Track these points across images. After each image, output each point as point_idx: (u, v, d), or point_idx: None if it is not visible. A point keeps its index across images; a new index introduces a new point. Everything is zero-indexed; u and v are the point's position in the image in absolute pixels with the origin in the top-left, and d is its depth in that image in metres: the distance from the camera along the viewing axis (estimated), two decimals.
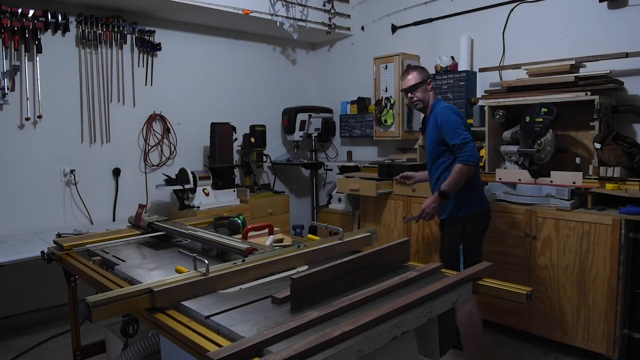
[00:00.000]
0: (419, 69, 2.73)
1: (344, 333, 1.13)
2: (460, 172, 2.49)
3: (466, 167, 2.48)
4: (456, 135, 2.52)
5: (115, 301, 1.33)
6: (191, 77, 4.41)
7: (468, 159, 2.48)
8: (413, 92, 2.67)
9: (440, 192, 2.53)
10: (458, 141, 2.50)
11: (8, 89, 3.39)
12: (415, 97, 2.69)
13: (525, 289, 1.45)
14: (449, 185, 2.51)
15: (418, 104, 2.71)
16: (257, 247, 1.81)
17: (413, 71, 2.70)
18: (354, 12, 4.93)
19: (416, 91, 2.67)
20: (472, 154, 2.49)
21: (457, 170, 2.49)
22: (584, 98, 2.96)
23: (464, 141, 2.49)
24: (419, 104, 2.72)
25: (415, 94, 2.68)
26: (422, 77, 2.69)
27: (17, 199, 3.51)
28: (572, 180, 2.94)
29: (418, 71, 2.70)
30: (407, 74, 2.70)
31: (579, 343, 2.85)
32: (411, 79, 2.67)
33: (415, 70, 2.71)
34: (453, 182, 2.51)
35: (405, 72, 2.75)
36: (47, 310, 3.61)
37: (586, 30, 3.29)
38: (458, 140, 2.51)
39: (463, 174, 2.50)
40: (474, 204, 2.63)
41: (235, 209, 4.00)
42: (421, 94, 2.69)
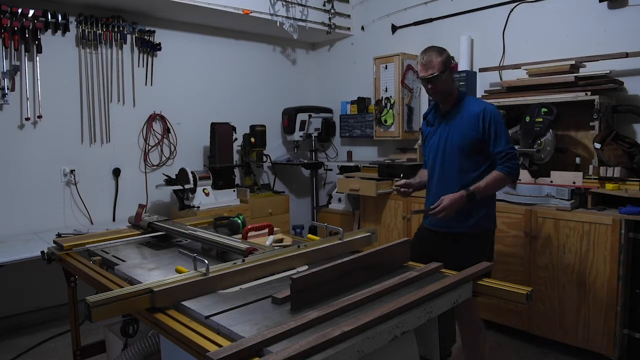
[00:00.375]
0: (440, 49, 2.29)
1: (344, 333, 1.13)
2: (500, 181, 2.23)
3: (508, 178, 2.24)
4: (506, 142, 2.24)
5: (115, 301, 1.33)
6: (191, 77, 4.41)
7: (514, 172, 2.23)
8: (439, 79, 2.24)
9: (469, 193, 2.18)
10: (507, 149, 2.23)
11: (8, 89, 3.39)
12: (441, 86, 2.26)
13: (525, 289, 1.45)
14: (481, 190, 2.19)
15: (443, 93, 2.30)
16: (257, 247, 1.81)
17: (436, 53, 2.25)
18: (354, 12, 4.93)
19: (443, 78, 2.24)
20: (517, 169, 2.25)
21: (497, 178, 2.22)
22: (584, 98, 2.96)
23: (514, 151, 2.24)
24: (443, 94, 2.31)
25: (440, 81, 2.25)
26: (448, 60, 2.28)
27: (17, 199, 3.51)
28: (572, 180, 2.94)
29: (442, 53, 2.26)
30: (430, 57, 2.24)
31: (579, 343, 2.85)
32: (437, 63, 2.22)
33: (437, 51, 2.26)
34: (487, 188, 2.21)
35: (424, 53, 2.27)
36: (47, 310, 3.61)
37: (586, 30, 3.29)
38: (508, 148, 2.23)
39: (500, 185, 2.27)
40: (495, 219, 2.42)
41: (235, 209, 4.00)
42: (447, 82, 2.28)
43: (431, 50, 2.28)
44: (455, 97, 2.33)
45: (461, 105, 2.30)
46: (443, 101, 2.35)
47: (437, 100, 2.38)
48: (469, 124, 2.25)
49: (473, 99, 2.35)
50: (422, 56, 2.29)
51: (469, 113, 2.26)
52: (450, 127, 2.31)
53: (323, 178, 5.31)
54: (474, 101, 2.33)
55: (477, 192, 2.18)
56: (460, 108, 2.30)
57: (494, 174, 2.23)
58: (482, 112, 2.23)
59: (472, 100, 2.34)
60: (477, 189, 2.18)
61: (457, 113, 2.30)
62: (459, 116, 2.29)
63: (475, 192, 2.18)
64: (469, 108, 2.27)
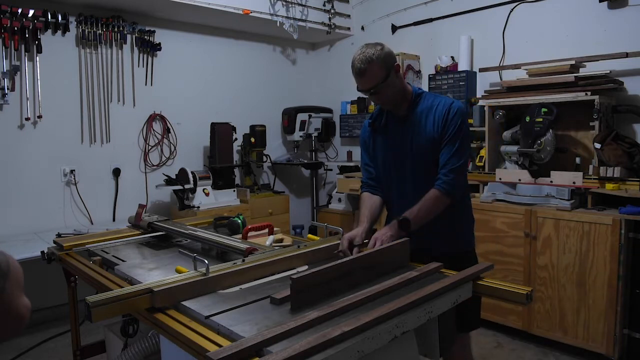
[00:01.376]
0: (375, 47, 1.83)
1: (344, 333, 1.13)
2: (437, 202, 1.83)
3: (447, 199, 1.84)
4: (460, 152, 1.85)
5: (115, 301, 1.33)
6: (191, 77, 4.41)
7: (451, 189, 1.83)
8: (379, 90, 1.83)
9: (401, 222, 1.79)
10: (457, 161, 1.84)
11: (8, 89, 3.40)
12: (388, 93, 1.86)
13: (525, 289, 1.45)
14: (417, 216, 1.81)
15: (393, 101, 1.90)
16: (257, 247, 1.81)
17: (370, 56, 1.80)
18: (354, 12, 4.93)
19: (387, 85, 1.83)
20: (455, 186, 1.85)
21: (434, 198, 1.83)
22: (584, 98, 2.96)
23: (462, 165, 1.86)
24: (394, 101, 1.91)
25: (386, 89, 1.84)
26: (389, 59, 1.84)
27: (17, 199, 3.51)
28: (572, 180, 2.94)
29: (378, 53, 1.81)
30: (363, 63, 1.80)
31: (579, 343, 2.85)
32: (375, 69, 1.80)
33: (371, 53, 1.81)
34: (424, 213, 1.82)
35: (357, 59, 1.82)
36: (47, 310, 3.61)
37: (586, 30, 3.29)
38: (457, 160, 1.84)
39: (439, 206, 1.84)
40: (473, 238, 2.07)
41: (235, 209, 4.00)
42: (394, 86, 1.86)
43: (363, 53, 1.81)
44: (411, 97, 1.92)
45: (422, 105, 1.91)
46: (397, 107, 1.93)
47: (389, 108, 1.95)
48: (432, 124, 1.88)
49: (436, 96, 1.95)
50: (354, 62, 1.83)
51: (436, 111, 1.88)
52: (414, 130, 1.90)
53: (323, 178, 5.31)
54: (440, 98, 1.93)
55: (413, 219, 1.80)
56: (423, 107, 1.91)
57: (432, 193, 1.84)
58: (449, 109, 1.85)
59: (436, 97, 1.94)
60: (413, 216, 1.80)
61: (419, 114, 1.90)
62: (423, 116, 1.90)
63: (411, 220, 1.79)
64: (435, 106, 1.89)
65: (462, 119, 1.86)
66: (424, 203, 1.83)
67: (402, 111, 1.94)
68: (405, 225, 1.79)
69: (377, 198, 2.04)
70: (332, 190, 4.94)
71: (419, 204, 1.83)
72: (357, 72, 1.84)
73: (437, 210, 1.85)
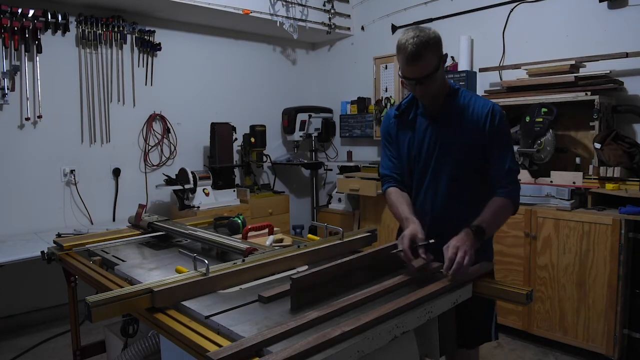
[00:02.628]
0: (429, 35, 1.62)
1: (344, 333, 1.13)
2: (506, 211, 1.70)
3: (513, 209, 1.72)
4: (512, 157, 1.72)
5: (115, 301, 1.33)
6: (191, 77, 4.40)
7: (517, 199, 1.73)
8: (431, 79, 1.66)
9: (476, 230, 1.58)
10: (514, 165, 1.72)
11: (8, 89, 3.39)
12: (434, 86, 1.69)
13: (525, 289, 1.45)
14: (489, 225, 1.63)
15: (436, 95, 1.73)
16: (257, 247, 1.81)
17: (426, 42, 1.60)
18: (354, 12, 4.93)
19: (437, 76, 1.67)
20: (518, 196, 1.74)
21: (502, 207, 1.68)
22: (584, 98, 2.96)
23: (518, 170, 1.74)
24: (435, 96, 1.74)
25: (433, 81, 1.67)
26: (440, 53, 1.67)
27: (17, 199, 3.51)
28: (572, 180, 2.94)
29: (434, 41, 1.63)
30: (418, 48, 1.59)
31: (579, 343, 2.85)
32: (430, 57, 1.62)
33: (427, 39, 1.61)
34: (496, 222, 1.68)
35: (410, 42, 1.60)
36: (47, 310, 3.61)
37: (586, 30, 3.29)
38: (514, 165, 1.72)
39: (507, 217, 1.72)
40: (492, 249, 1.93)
41: (235, 209, 4.00)
42: (441, 79, 1.71)
43: (418, 36, 1.60)
44: (447, 93, 1.77)
45: (458, 102, 1.76)
46: (433, 101, 1.76)
47: (427, 102, 1.77)
48: (472, 127, 1.72)
49: (472, 95, 1.80)
50: (405, 45, 1.61)
51: (473, 113, 1.73)
52: (445, 129, 1.76)
53: (323, 178, 5.32)
54: (475, 98, 1.78)
55: (487, 228, 1.61)
56: (458, 106, 1.76)
57: (499, 201, 1.67)
58: (489, 114, 1.71)
59: (472, 96, 1.79)
60: (486, 224, 1.61)
61: (453, 112, 1.75)
62: (457, 116, 1.75)
63: (485, 229, 1.60)
64: (470, 107, 1.74)
65: (506, 123, 1.76)
66: (495, 211, 1.65)
67: (436, 107, 1.77)
68: (481, 235, 1.59)
69: (407, 194, 1.85)
70: (332, 190, 4.94)
71: (489, 212, 1.65)
72: (411, 57, 1.61)
73: (505, 220, 1.73)
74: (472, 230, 1.57)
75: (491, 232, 1.67)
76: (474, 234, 1.57)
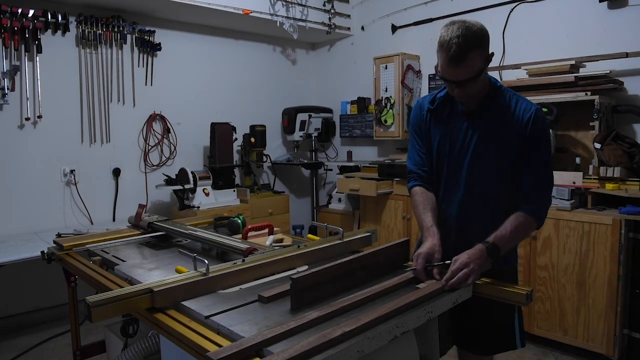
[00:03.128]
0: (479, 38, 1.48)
1: (344, 333, 1.13)
2: (527, 228, 1.59)
3: (536, 226, 1.62)
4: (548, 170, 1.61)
5: (115, 301, 1.33)
6: (191, 77, 4.41)
7: (543, 216, 1.61)
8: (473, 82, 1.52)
9: (490, 248, 1.50)
10: (547, 180, 1.61)
11: (8, 89, 3.39)
12: (476, 89, 1.57)
13: (525, 289, 1.45)
14: (506, 243, 1.54)
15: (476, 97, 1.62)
16: (257, 247, 1.81)
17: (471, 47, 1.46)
18: (354, 12, 4.93)
19: (478, 80, 1.53)
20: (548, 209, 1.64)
21: (524, 224, 1.56)
22: (584, 98, 2.96)
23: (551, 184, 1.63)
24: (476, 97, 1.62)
25: (473, 85, 1.54)
26: (486, 54, 1.52)
27: (17, 199, 3.51)
28: (572, 180, 2.94)
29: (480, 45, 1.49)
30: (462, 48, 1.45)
31: (579, 343, 2.85)
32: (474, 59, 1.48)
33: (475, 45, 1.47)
34: (512, 239, 1.56)
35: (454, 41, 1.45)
36: (47, 310, 3.61)
37: (586, 30, 3.29)
38: (548, 179, 1.61)
39: (527, 233, 1.64)
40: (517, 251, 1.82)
41: (235, 209, 4.00)
42: (481, 84, 1.58)
43: (465, 35, 1.45)
44: (487, 91, 1.63)
45: (498, 102, 1.62)
46: (471, 100, 1.63)
47: (463, 102, 1.64)
48: (512, 130, 1.58)
49: (515, 95, 1.64)
50: (449, 44, 1.46)
51: (514, 115, 1.59)
52: (482, 129, 1.62)
53: (323, 178, 5.32)
54: (517, 98, 1.63)
55: (502, 245, 1.52)
56: (498, 105, 1.62)
57: (521, 218, 1.55)
58: (531, 118, 1.56)
59: (514, 96, 1.63)
60: (502, 241, 1.52)
61: (492, 112, 1.62)
62: (496, 116, 1.61)
63: (500, 247, 1.51)
64: (512, 107, 1.60)
65: (547, 130, 1.62)
66: (514, 228, 1.54)
67: (474, 105, 1.64)
68: (495, 253, 1.51)
69: (433, 195, 1.74)
70: (332, 190, 4.94)
71: (508, 229, 1.54)
72: (455, 59, 1.47)
73: (524, 237, 1.64)
74: (486, 247, 1.49)
75: (506, 250, 1.56)
76: (487, 251, 1.49)
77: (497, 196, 1.63)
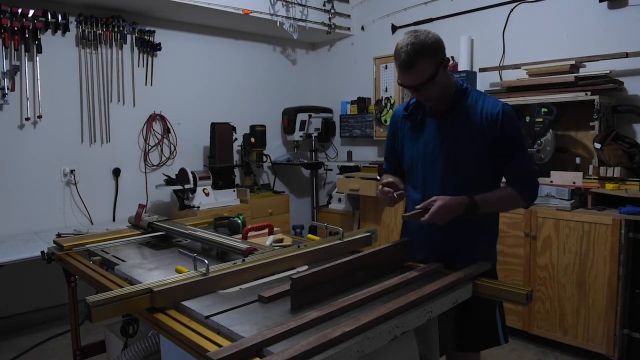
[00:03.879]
0: (425, 39, 1.58)
1: (344, 333, 1.13)
2: (512, 200, 1.71)
3: (522, 202, 1.72)
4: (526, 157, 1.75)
5: (115, 301, 1.33)
6: (191, 77, 4.40)
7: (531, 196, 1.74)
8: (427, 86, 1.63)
9: (471, 202, 1.61)
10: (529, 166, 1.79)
11: (8, 89, 3.39)
12: (434, 92, 1.66)
13: (525, 289, 1.45)
14: (487, 203, 1.66)
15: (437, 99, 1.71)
16: (257, 247, 1.81)
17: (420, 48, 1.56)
18: (354, 12, 4.93)
19: (431, 86, 1.63)
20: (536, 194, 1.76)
21: (510, 197, 1.69)
22: (584, 98, 2.96)
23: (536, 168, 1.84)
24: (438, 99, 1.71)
25: (429, 89, 1.64)
26: (437, 59, 1.61)
27: (17, 198, 3.51)
28: (572, 180, 2.94)
29: (429, 52, 1.58)
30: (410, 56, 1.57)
31: (579, 343, 2.85)
32: (424, 66, 1.58)
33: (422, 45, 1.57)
34: (494, 204, 1.70)
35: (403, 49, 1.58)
36: (47, 310, 3.61)
37: (586, 30, 3.29)
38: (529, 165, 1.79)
39: (510, 205, 1.77)
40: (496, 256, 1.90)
41: (235, 209, 4.00)
42: (441, 83, 1.65)
43: (414, 44, 1.57)
44: (454, 93, 1.73)
45: (466, 102, 1.72)
46: (438, 103, 1.74)
47: (431, 105, 1.76)
48: (481, 128, 1.68)
49: (480, 94, 1.76)
50: (400, 53, 1.59)
51: (481, 114, 1.68)
52: (452, 129, 1.72)
53: (323, 178, 5.31)
54: (485, 98, 1.73)
55: (481, 203, 1.63)
56: (466, 106, 1.72)
57: (508, 190, 1.70)
58: (499, 114, 1.66)
59: (481, 95, 1.75)
60: (482, 201, 1.63)
61: (461, 112, 1.72)
62: (465, 116, 1.71)
63: (478, 203, 1.62)
64: (479, 107, 1.70)
65: (516, 122, 1.71)
66: (500, 196, 1.69)
67: (443, 107, 1.74)
68: (473, 208, 1.62)
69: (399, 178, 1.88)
70: (332, 190, 4.94)
71: (495, 194, 1.68)
72: (403, 66, 1.59)
73: (508, 208, 1.79)
74: (467, 201, 1.61)
75: (486, 210, 1.67)
76: (466, 204, 1.60)
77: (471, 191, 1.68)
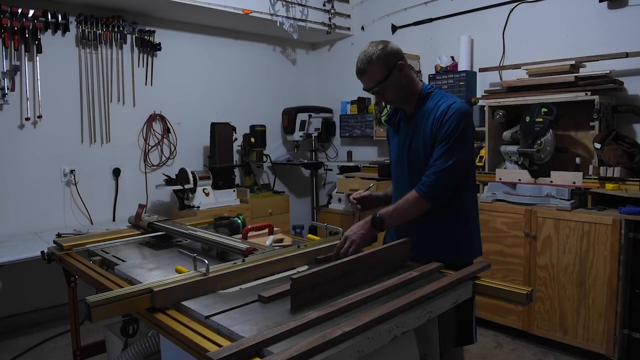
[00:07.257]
0: (376, 47, 1.79)
1: (344, 333, 1.13)
2: (415, 204, 1.75)
3: (426, 202, 1.74)
4: (450, 153, 1.72)
5: (115, 301, 1.33)
6: (191, 77, 4.41)
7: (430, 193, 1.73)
8: (381, 90, 1.83)
9: (375, 219, 1.76)
10: (443, 163, 1.72)
11: (8, 89, 3.39)
12: (390, 95, 1.84)
13: (525, 289, 1.45)
14: (391, 216, 1.77)
15: (397, 101, 1.89)
16: (257, 247, 1.81)
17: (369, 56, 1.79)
18: (354, 12, 4.93)
19: (386, 88, 1.81)
20: (445, 189, 1.75)
21: (410, 201, 1.75)
22: (584, 98, 2.96)
23: (449, 168, 1.72)
24: (398, 101, 1.89)
25: (386, 91, 1.83)
26: (391, 58, 1.80)
27: (17, 199, 3.51)
28: (572, 180, 2.94)
29: (377, 54, 1.78)
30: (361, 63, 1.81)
31: (579, 343, 2.85)
32: (372, 72, 1.80)
33: (371, 53, 1.78)
34: (399, 214, 1.77)
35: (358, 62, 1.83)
36: (47, 310, 3.61)
37: (586, 30, 3.29)
38: (444, 162, 1.72)
39: (414, 209, 1.77)
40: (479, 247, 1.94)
41: (235, 209, 4.00)
42: (397, 87, 1.82)
43: (365, 52, 1.80)
44: (418, 96, 1.86)
45: (428, 104, 1.83)
46: (405, 105, 1.89)
47: (396, 106, 1.95)
48: (432, 127, 1.78)
49: (443, 95, 1.84)
50: (357, 60, 1.84)
51: (436, 112, 1.78)
52: (413, 131, 1.84)
53: (323, 178, 5.31)
54: (445, 99, 1.80)
55: (388, 218, 1.76)
56: (427, 107, 1.82)
57: (410, 193, 1.76)
58: (443, 112, 1.74)
59: (442, 97, 1.82)
60: (389, 214, 1.76)
61: (422, 114, 1.82)
62: (424, 116, 1.81)
63: (385, 218, 1.75)
64: (437, 108, 1.79)
65: (458, 120, 1.73)
66: (402, 203, 1.78)
67: (410, 109, 1.88)
68: (379, 224, 1.77)
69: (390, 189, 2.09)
70: (332, 190, 4.93)
71: (396, 203, 1.80)
72: (357, 72, 1.86)
73: (413, 212, 1.77)
74: (372, 218, 1.77)
75: (393, 223, 1.80)
76: (372, 221, 1.76)
77: None
